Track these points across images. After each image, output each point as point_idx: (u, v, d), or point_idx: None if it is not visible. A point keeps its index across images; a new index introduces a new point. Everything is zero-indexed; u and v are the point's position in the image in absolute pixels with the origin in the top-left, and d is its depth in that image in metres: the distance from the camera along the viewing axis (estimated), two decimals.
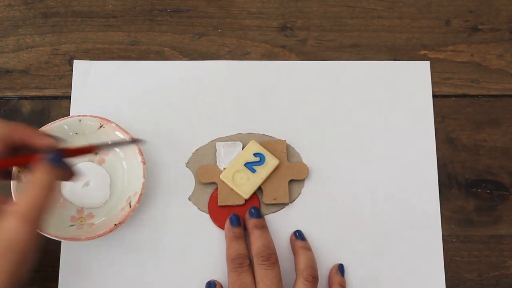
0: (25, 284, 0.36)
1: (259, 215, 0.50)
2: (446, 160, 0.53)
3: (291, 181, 0.52)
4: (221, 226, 0.50)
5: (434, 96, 0.55)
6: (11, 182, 0.46)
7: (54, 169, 0.38)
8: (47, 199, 0.37)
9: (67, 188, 0.50)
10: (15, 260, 0.34)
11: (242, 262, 0.46)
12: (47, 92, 0.54)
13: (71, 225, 0.49)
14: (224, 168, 0.51)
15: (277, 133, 0.53)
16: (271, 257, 0.46)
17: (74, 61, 0.54)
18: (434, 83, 0.55)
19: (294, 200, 0.52)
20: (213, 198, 0.51)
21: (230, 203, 0.50)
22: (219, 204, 0.50)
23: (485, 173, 0.53)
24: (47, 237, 0.46)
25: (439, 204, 0.52)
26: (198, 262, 0.50)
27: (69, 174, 0.41)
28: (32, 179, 0.37)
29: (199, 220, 0.51)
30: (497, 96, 0.55)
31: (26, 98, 0.54)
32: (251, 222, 0.49)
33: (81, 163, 0.50)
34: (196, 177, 0.51)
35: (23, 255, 0.35)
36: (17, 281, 0.35)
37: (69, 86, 0.54)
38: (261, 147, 0.51)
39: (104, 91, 0.54)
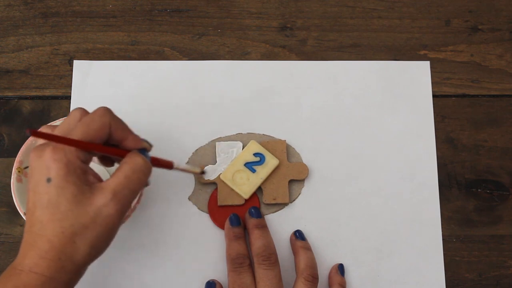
0: (98, 256, 0.38)
1: (259, 215, 0.50)
2: (446, 160, 0.53)
3: (291, 181, 0.52)
4: (221, 226, 0.50)
5: (434, 96, 0.55)
6: (12, 183, 0.47)
7: (147, 158, 0.39)
8: (139, 183, 0.38)
9: None
10: (99, 234, 0.36)
11: (242, 262, 0.46)
12: (47, 92, 0.54)
13: None
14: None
15: (277, 133, 0.53)
16: (271, 257, 0.46)
17: (74, 61, 0.55)
18: (434, 83, 0.55)
19: (294, 200, 0.52)
20: (213, 198, 0.51)
21: (230, 203, 0.50)
22: (219, 204, 0.50)
23: (485, 173, 0.53)
24: None
25: (439, 204, 0.52)
26: (198, 261, 0.50)
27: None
28: (127, 161, 0.38)
29: (199, 220, 0.51)
30: (497, 96, 0.55)
31: (26, 98, 0.54)
32: (251, 222, 0.49)
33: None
34: (196, 178, 0.51)
35: (106, 230, 0.37)
36: (95, 252, 0.37)
37: (69, 86, 0.54)
38: (261, 147, 0.51)
39: (104, 91, 0.54)
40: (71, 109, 0.53)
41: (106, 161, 0.43)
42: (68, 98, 0.54)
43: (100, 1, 0.56)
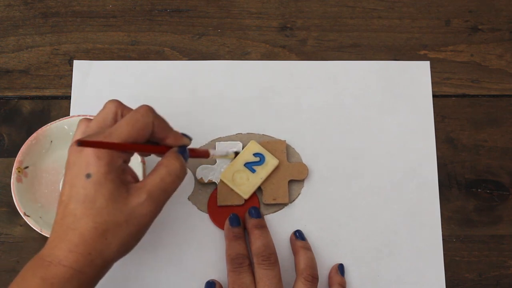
0: (126, 254, 0.39)
1: (258, 215, 0.50)
2: (446, 160, 0.53)
3: (291, 181, 0.52)
4: (221, 226, 0.50)
5: (434, 96, 0.55)
6: (12, 183, 0.47)
7: (184, 161, 0.40)
8: (174, 185, 0.39)
9: None
10: (131, 232, 0.37)
11: (242, 262, 0.46)
12: (47, 92, 0.54)
13: None
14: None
15: (277, 133, 0.53)
16: (271, 257, 0.46)
17: (74, 61, 0.55)
18: (434, 83, 0.55)
19: (294, 200, 0.52)
20: (213, 198, 0.51)
21: (229, 203, 0.50)
22: (218, 204, 0.50)
23: (485, 173, 0.53)
24: (47, 237, 0.45)
25: (439, 204, 0.52)
26: (198, 261, 0.50)
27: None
28: (165, 163, 0.39)
29: (198, 220, 0.51)
30: (497, 96, 0.55)
31: (26, 98, 0.54)
32: (250, 222, 0.49)
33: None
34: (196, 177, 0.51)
35: (138, 230, 0.38)
36: (124, 250, 0.38)
37: (69, 86, 0.54)
38: (261, 147, 0.51)
39: (104, 91, 0.54)
40: (71, 109, 0.53)
41: (144, 154, 0.44)
42: (68, 98, 0.54)
43: (100, 1, 0.56)
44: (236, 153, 0.51)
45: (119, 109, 0.39)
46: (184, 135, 0.41)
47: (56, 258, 0.36)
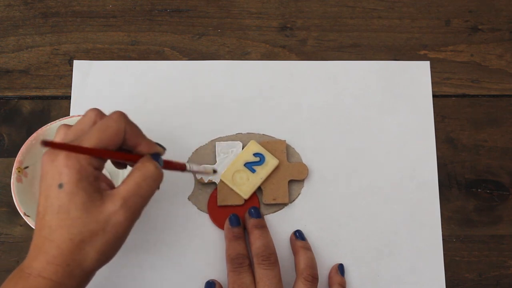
0: (107, 262, 0.38)
1: (258, 215, 0.50)
2: (446, 160, 0.53)
3: (290, 181, 0.52)
4: (221, 226, 0.50)
5: (434, 96, 0.55)
6: (12, 183, 0.47)
7: (159, 165, 0.39)
8: (149, 190, 0.38)
9: None
10: (108, 241, 0.36)
11: (242, 262, 0.46)
12: (47, 92, 0.54)
13: None
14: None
15: (277, 133, 0.53)
16: (271, 257, 0.46)
17: (74, 61, 0.55)
18: (434, 83, 0.55)
19: (294, 200, 0.52)
20: (213, 198, 0.51)
21: (229, 203, 0.50)
22: (218, 204, 0.50)
23: (485, 173, 0.53)
24: None
25: (439, 204, 0.52)
26: (198, 261, 0.50)
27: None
28: (139, 167, 0.38)
29: (198, 220, 0.51)
30: (497, 96, 0.55)
31: (26, 98, 0.54)
32: (250, 222, 0.49)
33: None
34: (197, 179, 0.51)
35: (115, 238, 0.37)
36: (103, 259, 0.37)
37: (69, 86, 0.54)
38: (261, 147, 0.51)
39: (104, 91, 0.54)
40: (71, 109, 0.53)
41: (119, 164, 0.43)
42: (68, 98, 0.54)
43: (100, 1, 0.56)
44: (215, 171, 0.50)
45: (98, 117, 0.39)
46: (158, 144, 0.41)
47: (35, 270, 0.35)
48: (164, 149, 0.41)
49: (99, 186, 0.37)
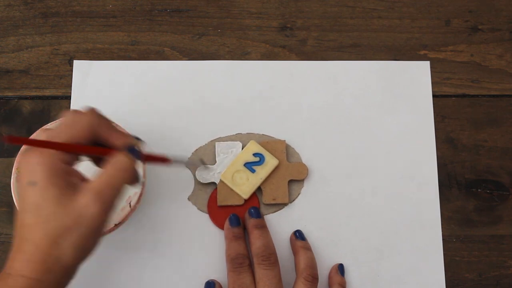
0: (87, 258, 0.38)
1: (258, 215, 0.50)
2: (446, 160, 0.53)
3: (290, 181, 0.52)
4: (221, 226, 0.50)
5: (434, 96, 0.55)
6: (12, 183, 0.47)
7: (132, 157, 0.39)
8: (121, 181, 0.38)
9: None
10: (83, 234, 0.36)
11: (242, 262, 0.46)
12: (47, 92, 0.54)
13: None
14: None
15: (277, 133, 0.53)
16: (270, 257, 0.46)
17: (74, 61, 0.55)
18: (434, 83, 0.55)
19: (293, 200, 0.52)
20: (213, 198, 0.51)
21: (229, 203, 0.50)
22: (218, 204, 0.50)
23: (485, 173, 0.53)
24: None
25: (439, 204, 0.52)
26: (198, 261, 0.50)
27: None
28: (111, 161, 0.39)
29: (198, 220, 0.51)
30: (497, 96, 0.55)
31: (26, 98, 0.54)
32: (250, 222, 0.49)
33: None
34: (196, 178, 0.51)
35: (91, 231, 0.37)
36: (82, 253, 0.37)
37: (69, 86, 0.54)
38: (261, 147, 0.51)
39: (104, 91, 0.54)
40: (71, 109, 0.53)
41: (98, 162, 0.42)
42: (68, 98, 0.54)
43: (100, 1, 0.56)
44: (203, 162, 0.50)
45: (72, 115, 0.39)
46: (136, 137, 0.41)
47: (15, 269, 0.36)
48: (140, 140, 0.41)
49: (71, 181, 0.37)
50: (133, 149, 0.40)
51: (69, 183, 0.37)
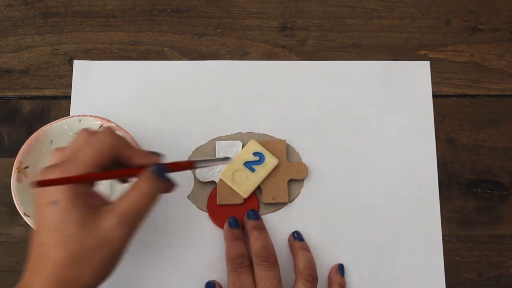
0: (105, 281, 0.38)
1: (257, 216, 0.50)
2: (446, 160, 0.53)
3: (290, 181, 0.52)
4: (220, 225, 0.50)
5: (434, 96, 0.55)
6: (12, 183, 0.47)
7: (158, 180, 0.39)
8: (146, 207, 0.38)
9: None
10: (105, 257, 0.36)
11: (242, 262, 0.46)
12: (47, 92, 0.54)
13: None
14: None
15: (277, 133, 0.53)
16: (270, 258, 0.46)
17: (74, 61, 0.55)
18: (434, 83, 0.55)
19: (293, 200, 0.52)
20: (212, 197, 0.51)
21: (229, 202, 0.50)
22: (218, 203, 0.50)
23: (485, 173, 0.53)
24: None
25: (439, 204, 0.52)
26: (197, 261, 0.50)
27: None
28: (136, 185, 0.38)
29: (198, 218, 0.51)
30: (497, 96, 0.55)
31: (26, 98, 0.54)
32: (249, 223, 0.49)
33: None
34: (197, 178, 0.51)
35: (113, 254, 0.37)
36: (101, 276, 0.37)
37: (69, 86, 0.54)
38: (261, 146, 0.51)
39: (104, 91, 0.54)
40: (71, 109, 0.53)
41: (121, 179, 0.43)
42: (68, 98, 0.54)
43: (100, 1, 0.56)
44: (228, 158, 0.48)
45: (90, 135, 0.39)
46: (154, 153, 0.40)
47: None
48: (160, 155, 0.41)
49: (93, 203, 0.37)
50: (158, 168, 0.39)
51: (91, 205, 0.37)
